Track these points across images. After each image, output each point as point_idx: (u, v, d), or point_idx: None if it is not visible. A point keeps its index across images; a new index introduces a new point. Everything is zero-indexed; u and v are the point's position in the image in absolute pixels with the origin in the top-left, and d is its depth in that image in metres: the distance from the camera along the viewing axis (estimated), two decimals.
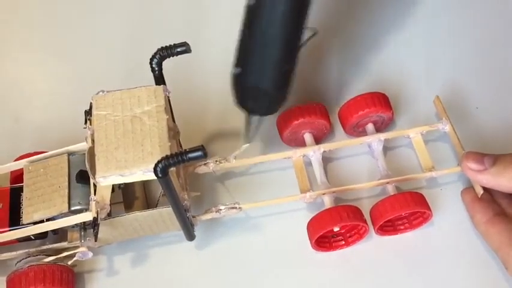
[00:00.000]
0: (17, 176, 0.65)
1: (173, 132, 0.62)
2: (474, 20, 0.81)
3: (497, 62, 0.78)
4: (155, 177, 0.54)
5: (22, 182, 0.63)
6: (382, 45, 0.80)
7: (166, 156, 0.53)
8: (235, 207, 0.65)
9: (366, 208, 0.65)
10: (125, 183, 0.60)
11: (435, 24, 0.81)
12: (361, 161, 0.71)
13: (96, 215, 0.58)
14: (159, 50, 0.59)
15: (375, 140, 0.69)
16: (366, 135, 0.70)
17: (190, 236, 0.64)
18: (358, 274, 0.66)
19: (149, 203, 0.66)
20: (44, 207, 0.60)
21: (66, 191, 0.61)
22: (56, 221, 0.60)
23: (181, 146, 0.66)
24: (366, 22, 0.82)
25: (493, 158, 0.63)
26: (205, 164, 0.67)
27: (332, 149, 0.70)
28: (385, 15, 0.82)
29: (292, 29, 0.60)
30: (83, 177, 0.61)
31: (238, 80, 0.62)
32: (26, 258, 0.63)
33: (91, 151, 0.58)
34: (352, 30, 0.82)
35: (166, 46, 0.59)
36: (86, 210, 0.60)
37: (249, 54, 0.61)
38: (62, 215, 0.60)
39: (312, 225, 0.64)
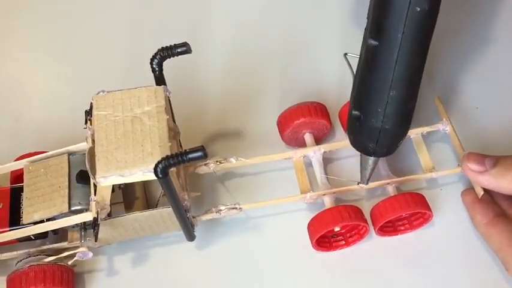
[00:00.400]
0: (17, 176, 0.65)
1: (173, 132, 0.62)
2: (474, 19, 0.81)
3: (497, 62, 0.78)
4: (155, 178, 0.54)
5: (22, 182, 0.62)
6: None
7: (167, 156, 0.53)
8: (236, 208, 0.65)
9: (366, 208, 0.65)
10: (125, 184, 0.60)
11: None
12: None
13: (96, 215, 0.58)
14: (159, 50, 0.59)
15: None
16: None
17: (191, 237, 0.64)
18: (358, 274, 0.66)
19: (149, 203, 0.66)
20: (44, 207, 0.60)
21: (67, 191, 0.61)
22: (56, 221, 0.60)
23: (181, 146, 0.66)
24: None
25: (494, 160, 0.63)
26: (205, 164, 0.67)
27: (332, 149, 0.70)
28: None
29: (419, 66, 0.57)
30: (83, 178, 0.61)
31: (358, 123, 0.60)
32: (26, 258, 0.63)
33: (91, 151, 0.58)
34: (352, 31, 0.82)
35: (166, 46, 0.59)
36: (86, 210, 0.60)
37: (370, 96, 0.58)
38: (62, 215, 0.60)
39: (312, 225, 0.64)
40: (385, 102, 0.58)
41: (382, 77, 0.57)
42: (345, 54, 0.63)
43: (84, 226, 0.63)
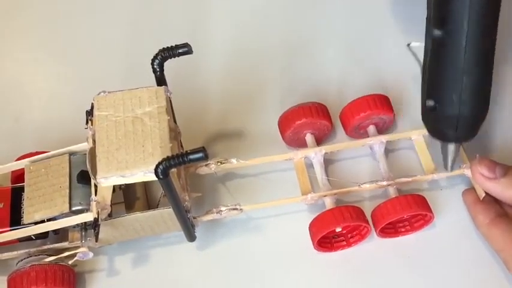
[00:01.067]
0: (18, 176, 0.65)
1: (174, 133, 0.62)
2: None
3: (497, 62, 0.78)
4: (156, 178, 0.54)
5: (23, 182, 0.62)
6: (384, 47, 0.80)
7: (168, 157, 0.53)
8: (236, 209, 0.65)
9: (367, 210, 0.65)
10: (126, 184, 0.60)
11: None
12: (363, 163, 0.71)
13: (97, 216, 0.58)
14: (160, 50, 0.59)
15: (377, 142, 0.69)
16: (368, 137, 0.70)
17: (191, 237, 0.64)
18: (359, 275, 0.66)
19: (150, 204, 0.65)
20: (45, 207, 0.60)
21: (67, 191, 0.61)
22: (57, 221, 0.60)
23: (182, 147, 0.65)
24: (368, 23, 0.82)
25: (505, 169, 0.63)
26: (206, 165, 0.67)
27: (334, 150, 0.69)
28: (385, 16, 0.82)
29: (489, 49, 0.57)
30: (84, 178, 0.61)
31: (435, 113, 0.60)
32: (26, 258, 0.63)
33: (92, 152, 0.58)
34: (354, 32, 0.82)
35: (168, 47, 0.59)
36: (87, 210, 0.60)
37: (443, 85, 0.59)
38: (63, 215, 0.60)
39: (314, 225, 0.64)
40: (459, 89, 0.58)
41: (453, 65, 0.57)
42: (408, 45, 0.62)
43: (84, 226, 0.63)
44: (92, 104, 0.60)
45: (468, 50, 0.55)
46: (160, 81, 0.61)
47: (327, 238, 0.66)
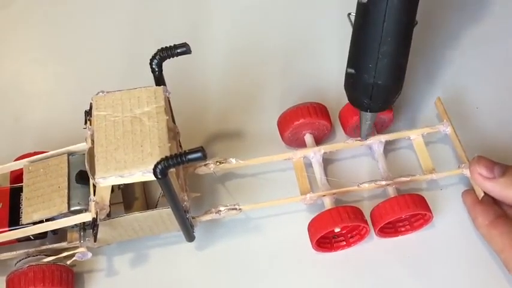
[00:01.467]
0: (17, 176, 0.65)
1: (173, 133, 0.62)
2: (473, 20, 0.81)
3: (497, 62, 0.78)
4: (155, 178, 0.54)
5: (22, 182, 0.62)
6: None
7: (166, 157, 0.53)
8: (235, 209, 0.65)
9: (366, 209, 0.65)
10: (124, 184, 0.60)
11: (434, 25, 0.81)
12: (362, 163, 0.71)
13: (95, 216, 0.58)
14: (159, 50, 0.59)
15: (376, 142, 0.69)
16: None
17: (190, 237, 0.64)
18: (359, 275, 0.66)
19: (149, 204, 0.65)
20: (44, 208, 0.60)
21: (66, 191, 0.61)
22: (56, 221, 0.60)
23: (181, 147, 0.65)
24: None
25: (503, 168, 0.63)
26: (205, 165, 0.67)
27: (333, 150, 0.69)
28: None
29: (407, 21, 0.60)
30: (83, 178, 0.61)
31: (353, 79, 0.62)
32: (25, 258, 0.63)
33: (91, 152, 0.58)
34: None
35: (166, 47, 0.59)
36: (86, 210, 0.60)
37: (362, 53, 0.61)
38: (62, 215, 0.60)
39: (312, 226, 0.64)
40: (376, 57, 0.60)
41: (373, 33, 0.59)
42: (349, 14, 0.64)
43: (83, 226, 0.63)
44: (91, 104, 0.60)
45: (387, 19, 0.58)
46: (159, 81, 0.61)
47: (326, 238, 0.66)
